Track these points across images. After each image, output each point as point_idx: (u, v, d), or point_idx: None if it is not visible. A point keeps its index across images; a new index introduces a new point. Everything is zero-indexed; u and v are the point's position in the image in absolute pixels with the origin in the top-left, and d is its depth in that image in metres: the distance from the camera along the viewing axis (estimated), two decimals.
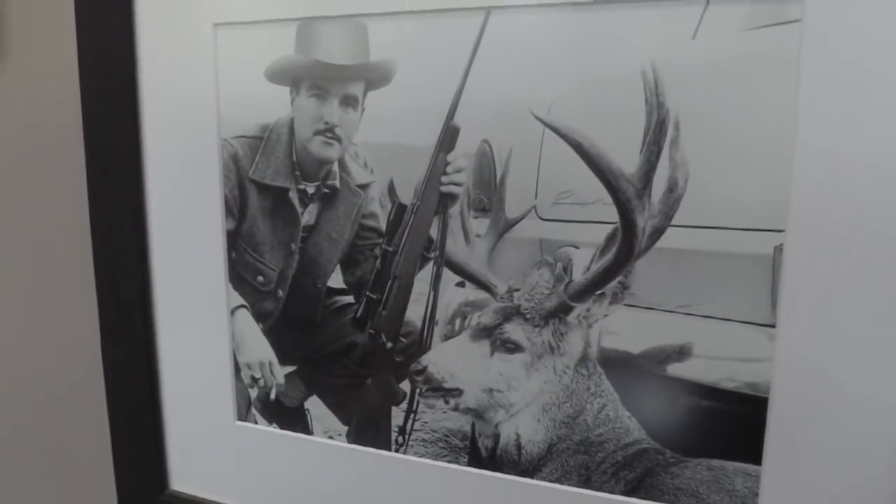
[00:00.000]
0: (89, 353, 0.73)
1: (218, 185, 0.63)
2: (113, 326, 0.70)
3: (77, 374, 0.76)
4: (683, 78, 0.47)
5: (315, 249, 0.62)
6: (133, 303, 0.69)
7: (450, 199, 0.56)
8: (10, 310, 0.79)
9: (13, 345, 0.80)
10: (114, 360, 0.71)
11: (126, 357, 0.70)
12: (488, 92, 0.53)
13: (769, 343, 0.48)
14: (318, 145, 0.60)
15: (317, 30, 0.58)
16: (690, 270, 0.49)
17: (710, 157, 0.48)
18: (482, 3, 0.52)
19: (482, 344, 0.56)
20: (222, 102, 0.62)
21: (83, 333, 0.74)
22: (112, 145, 0.67)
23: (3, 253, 0.78)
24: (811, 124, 0.45)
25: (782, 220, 0.47)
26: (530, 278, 0.54)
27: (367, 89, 0.57)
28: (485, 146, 0.54)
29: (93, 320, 0.71)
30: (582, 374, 0.54)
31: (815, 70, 0.44)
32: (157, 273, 0.68)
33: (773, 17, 0.45)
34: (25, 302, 0.78)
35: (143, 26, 0.64)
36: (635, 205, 0.50)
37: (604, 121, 0.50)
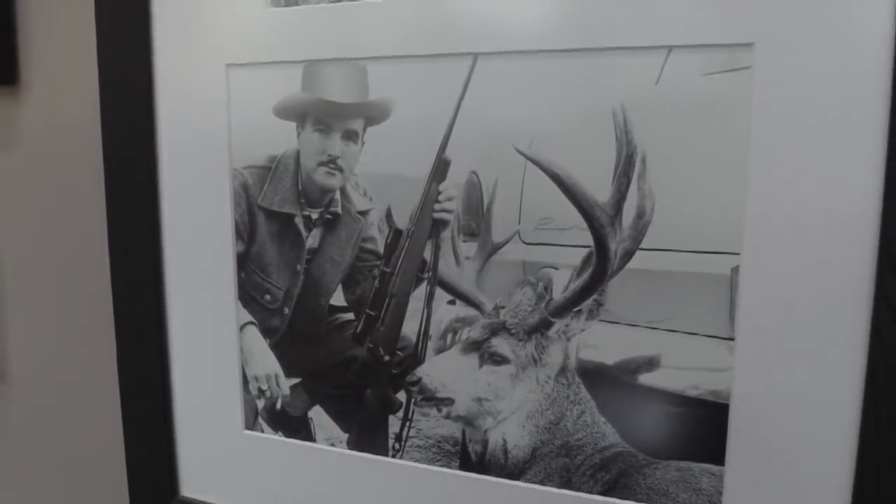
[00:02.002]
0: (106, 366, 0.77)
1: (229, 211, 0.68)
2: (129, 341, 0.74)
3: (94, 386, 0.80)
4: (649, 118, 0.53)
5: (319, 270, 0.66)
6: (148, 319, 0.72)
7: (442, 225, 0.60)
8: (31, 324, 0.83)
9: (33, 355, 0.84)
10: (129, 372, 0.75)
11: (141, 370, 0.74)
12: (476, 128, 0.58)
13: (729, 354, 0.53)
14: (321, 175, 0.64)
15: (321, 71, 0.62)
16: (658, 289, 0.54)
17: (674, 187, 0.53)
18: (471, 49, 0.57)
19: (471, 357, 0.61)
20: (234, 135, 0.67)
21: (101, 347, 0.77)
22: (130, 174, 0.71)
23: (24, 271, 0.82)
24: (762, 159, 0.50)
25: (738, 244, 0.51)
26: (515, 297, 0.59)
27: (367, 125, 0.61)
28: (473, 177, 0.58)
29: (110, 335, 0.75)
30: (562, 384, 0.58)
31: (765, 110, 0.50)
32: (172, 291, 0.72)
33: (726, 64, 0.50)
34: (47, 318, 0.82)
35: (161, 65, 0.69)
36: (608, 230, 0.55)
37: (579, 155, 0.55)
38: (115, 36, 0.70)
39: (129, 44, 0.69)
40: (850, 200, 0.49)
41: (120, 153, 0.72)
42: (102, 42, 0.71)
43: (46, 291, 0.81)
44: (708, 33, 0.50)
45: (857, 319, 0.50)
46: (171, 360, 0.74)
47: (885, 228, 0.48)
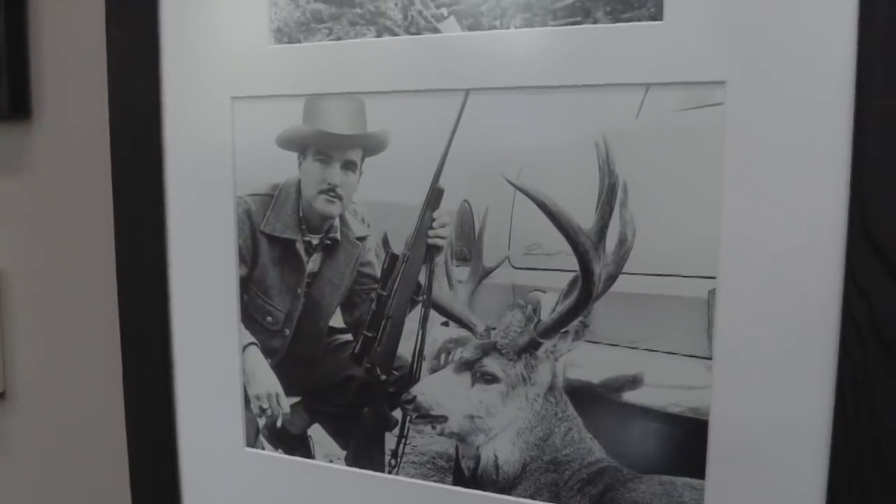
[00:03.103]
0: (112, 385, 0.79)
1: (233, 237, 0.70)
2: (135, 360, 0.76)
3: (99, 403, 0.81)
4: (630, 150, 0.56)
5: (318, 293, 0.68)
6: (154, 340, 0.75)
7: (436, 250, 0.63)
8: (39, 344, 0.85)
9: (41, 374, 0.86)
10: (134, 390, 0.77)
11: (146, 389, 0.76)
12: (468, 159, 0.60)
13: (707, 373, 0.55)
14: (321, 203, 0.67)
15: (322, 104, 0.65)
16: (640, 311, 0.57)
17: (654, 215, 0.56)
18: (463, 85, 0.60)
19: (464, 376, 0.63)
20: (238, 164, 0.69)
21: (107, 366, 0.79)
22: (138, 200, 0.74)
23: (33, 292, 0.85)
24: (735, 188, 0.53)
25: (714, 269, 0.54)
26: (505, 318, 0.61)
27: (365, 155, 0.64)
28: (465, 205, 0.61)
29: (116, 355, 0.77)
30: (550, 402, 0.61)
31: (737, 143, 0.53)
32: (177, 313, 0.74)
33: (701, 100, 0.54)
34: (54, 339, 0.84)
35: (169, 97, 0.71)
36: (592, 255, 0.58)
37: (565, 184, 0.58)
38: (125, 69, 0.73)
39: (139, 77, 0.72)
40: (817, 227, 0.52)
41: (128, 181, 0.74)
42: (113, 75, 0.73)
43: (55, 312, 0.84)
44: (683, 72, 0.54)
45: (826, 338, 0.52)
46: (175, 379, 0.76)
47: (849, 253, 0.51)
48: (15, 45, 0.80)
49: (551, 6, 0.57)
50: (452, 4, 0.60)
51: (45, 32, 0.80)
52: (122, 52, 0.73)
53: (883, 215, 0.50)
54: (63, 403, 0.85)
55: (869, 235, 0.51)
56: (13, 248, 0.85)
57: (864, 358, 0.52)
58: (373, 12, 0.63)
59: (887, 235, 0.50)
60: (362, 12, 0.64)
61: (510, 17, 0.59)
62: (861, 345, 0.52)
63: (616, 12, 0.56)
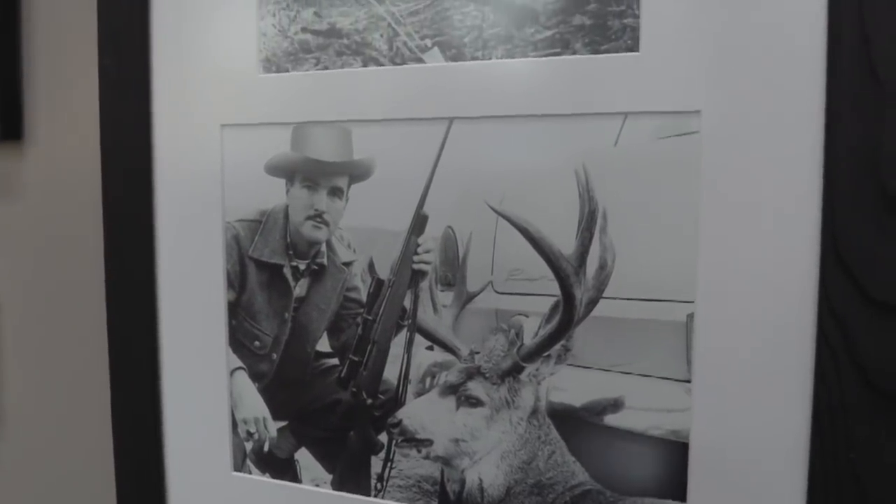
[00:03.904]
0: (100, 409, 0.79)
1: (221, 262, 0.71)
2: (123, 385, 0.77)
3: (87, 428, 0.82)
4: (609, 177, 0.57)
5: (305, 318, 0.69)
6: (142, 364, 0.75)
7: (420, 276, 0.64)
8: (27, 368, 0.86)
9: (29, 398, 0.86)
10: (122, 415, 0.77)
11: (134, 413, 0.76)
12: (452, 186, 0.62)
13: (687, 396, 0.56)
14: (308, 229, 0.68)
15: (309, 132, 0.67)
16: (620, 335, 0.58)
17: (633, 241, 0.57)
18: (447, 114, 0.61)
19: (449, 399, 0.63)
20: (227, 191, 0.70)
21: (95, 391, 0.80)
22: (128, 225, 0.75)
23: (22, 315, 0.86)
24: (711, 214, 0.54)
25: (692, 293, 0.55)
26: (488, 342, 0.62)
27: (351, 182, 0.65)
28: (449, 231, 0.62)
29: (104, 378, 0.77)
30: (534, 425, 0.61)
31: (712, 170, 0.54)
32: (165, 338, 0.75)
33: (677, 128, 0.55)
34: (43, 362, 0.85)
35: (159, 124, 0.73)
36: (573, 280, 0.59)
37: (546, 211, 0.59)
38: (116, 96, 0.74)
39: (130, 103, 0.74)
40: (791, 253, 0.53)
41: (119, 205, 0.75)
42: (104, 102, 0.75)
43: (43, 335, 0.84)
44: (659, 101, 0.55)
45: (802, 362, 0.53)
46: (163, 403, 0.76)
47: (823, 278, 0.52)
48: (9, 71, 0.81)
49: (532, 38, 0.59)
50: (436, 36, 0.62)
51: (39, 59, 0.81)
52: (114, 79, 0.75)
53: (854, 241, 0.52)
54: (50, 426, 0.85)
55: (841, 261, 0.52)
56: (3, 271, 0.86)
57: (839, 380, 0.53)
58: (359, 43, 0.65)
59: (859, 261, 0.52)
60: (349, 43, 0.65)
61: (492, 48, 0.60)
62: (836, 367, 0.53)
63: (594, 44, 0.57)
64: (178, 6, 0.72)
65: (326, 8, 0.66)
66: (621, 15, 0.56)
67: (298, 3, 0.67)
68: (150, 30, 0.73)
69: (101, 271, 0.76)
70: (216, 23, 0.70)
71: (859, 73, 0.51)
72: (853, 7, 0.51)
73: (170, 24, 0.72)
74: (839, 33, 0.51)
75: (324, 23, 0.66)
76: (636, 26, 0.56)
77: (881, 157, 0.51)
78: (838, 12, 0.51)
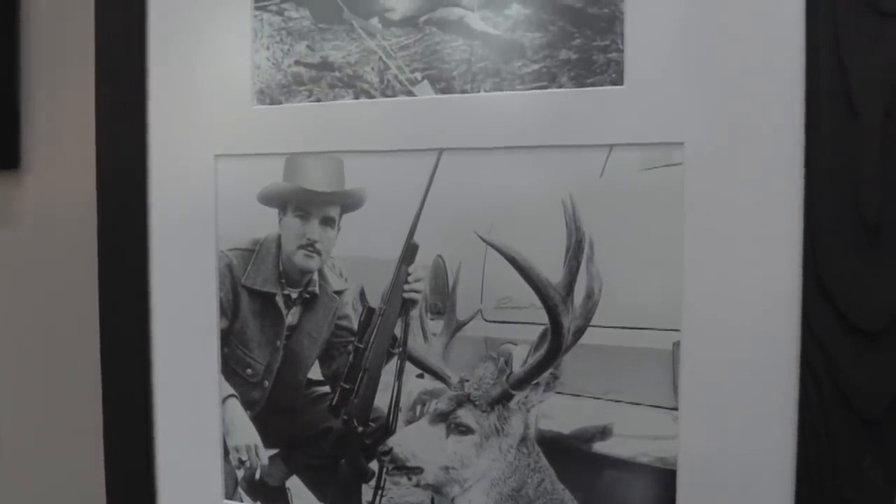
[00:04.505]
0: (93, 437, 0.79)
1: (214, 290, 0.72)
2: (116, 411, 0.77)
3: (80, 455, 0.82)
4: (595, 207, 0.58)
5: (297, 346, 0.69)
6: (135, 391, 0.75)
7: (411, 304, 0.64)
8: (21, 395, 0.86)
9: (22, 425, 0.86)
10: (115, 442, 0.77)
11: (126, 440, 0.76)
12: (441, 216, 0.63)
13: (674, 423, 0.57)
14: (301, 258, 0.68)
15: (301, 162, 0.68)
16: (608, 363, 0.58)
17: (619, 270, 0.58)
18: (436, 145, 0.63)
19: (439, 427, 0.64)
20: (220, 220, 0.71)
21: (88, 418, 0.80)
22: (123, 253, 0.75)
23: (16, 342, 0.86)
24: (695, 244, 0.56)
25: (678, 322, 0.56)
26: (478, 370, 0.62)
27: (343, 212, 0.66)
28: (439, 260, 0.63)
29: (97, 405, 0.77)
30: (523, 453, 0.62)
31: (696, 201, 0.56)
32: (158, 365, 0.75)
33: (661, 160, 0.56)
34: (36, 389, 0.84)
35: (154, 154, 0.73)
36: (561, 309, 0.59)
37: (534, 240, 0.60)
38: (113, 126, 0.75)
39: (126, 133, 0.74)
40: (774, 281, 0.54)
41: (114, 234, 0.76)
42: (101, 131, 0.75)
43: (36, 362, 0.84)
44: (643, 134, 0.57)
45: (786, 387, 0.54)
46: (155, 430, 0.76)
47: (805, 305, 0.53)
48: (7, 100, 0.82)
49: (519, 71, 0.60)
50: (426, 69, 0.63)
51: (37, 87, 0.82)
52: (111, 109, 0.76)
53: (835, 270, 0.53)
54: (42, 453, 0.85)
55: (823, 289, 0.53)
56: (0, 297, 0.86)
57: (824, 407, 0.54)
58: (351, 76, 0.66)
59: (840, 289, 0.53)
60: (341, 75, 0.66)
61: (480, 81, 0.61)
62: (820, 394, 0.54)
63: (580, 77, 0.59)
64: (175, 38, 0.73)
65: (319, 42, 0.67)
66: (606, 50, 0.58)
67: (292, 36, 0.68)
68: (147, 60, 0.74)
69: (96, 299, 0.77)
70: (212, 55, 0.72)
71: (837, 106, 0.53)
72: (830, 41, 0.52)
73: (166, 56, 0.74)
74: (817, 67, 0.53)
75: (316, 56, 0.67)
76: (620, 60, 0.58)
77: (860, 187, 0.52)
78: (816, 47, 0.53)
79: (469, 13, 0.62)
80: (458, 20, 0.62)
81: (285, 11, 0.68)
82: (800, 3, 0.53)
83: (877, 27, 0.52)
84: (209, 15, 0.72)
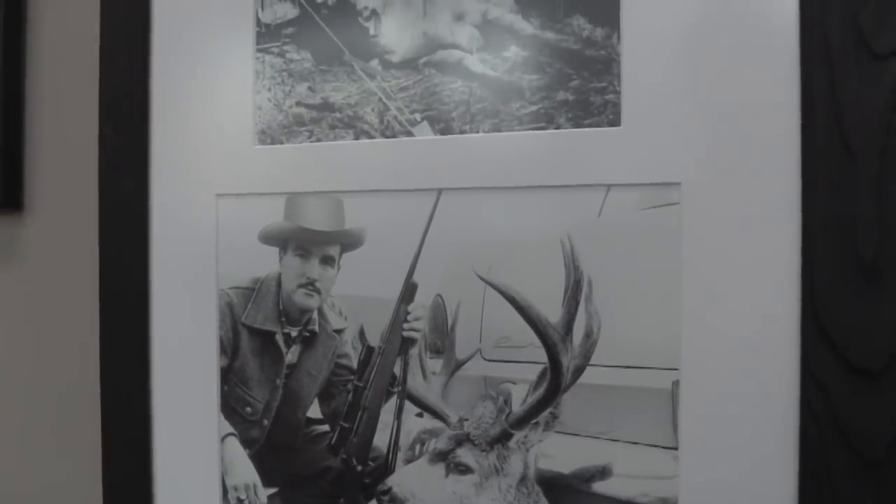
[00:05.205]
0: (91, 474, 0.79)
1: (214, 328, 0.72)
2: (115, 450, 0.76)
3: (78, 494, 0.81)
4: (593, 247, 0.59)
5: (297, 384, 0.69)
6: (134, 429, 0.75)
7: (410, 343, 0.65)
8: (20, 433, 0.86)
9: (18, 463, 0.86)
10: (113, 481, 0.76)
11: (125, 479, 0.76)
12: (441, 255, 0.63)
13: (674, 463, 0.57)
14: (301, 296, 0.69)
15: (302, 202, 0.69)
16: (607, 402, 0.58)
17: (618, 309, 0.58)
18: (436, 185, 0.63)
19: (438, 466, 0.64)
20: (221, 258, 0.72)
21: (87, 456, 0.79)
22: (124, 291, 0.75)
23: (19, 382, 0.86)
24: (693, 283, 0.56)
25: (676, 361, 0.57)
26: (477, 409, 0.62)
27: (343, 251, 0.67)
28: (438, 299, 0.63)
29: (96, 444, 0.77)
30: (522, 492, 0.61)
31: (693, 241, 0.56)
32: (158, 403, 0.75)
33: (658, 200, 0.57)
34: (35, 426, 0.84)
35: (157, 193, 0.74)
36: (560, 348, 0.60)
37: (532, 280, 0.60)
38: (116, 166, 0.76)
39: (128, 174, 0.75)
40: (772, 321, 0.54)
41: (115, 272, 0.76)
42: (103, 171, 0.76)
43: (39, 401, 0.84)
44: (641, 174, 0.57)
45: (787, 428, 0.54)
46: (154, 469, 0.76)
47: (804, 346, 0.54)
48: (11, 140, 0.83)
49: (517, 113, 0.61)
50: (425, 110, 0.64)
51: (41, 128, 0.83)
52: (113, 149, 0.76)
53: (834, 310, 0.53)
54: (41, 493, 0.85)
55: (822, 329, 0.53)
56: (2, 337, 0.86)
57: (824, 447, 0.53)
58: (351, 117, 0.67)
59: (839, 329, 0.53)
60: (341, 116, 0.67)
61: (479, 122, 0.62)
62: (820, 434, 0.53)
63: (577, 118, 0.59)
64: (178, 79, 0.74)
65: (320, 83, 0.68)
66: (603, 91, 0.59)
67: (293, 78, 0.69)
68: (149, 101, 0.75)
69: (96, 336, 0.77)
70: (214, 96, 0.73)
71: (833, 146, 0.53)
72: (825, 83, 0.53)
73: (169, 96, 0.75)
74: (813, 108, 0.54)
75: (317, 97, 0.68)
76: (617, 102, 0.58)
77: (857, 227, 0.53)
78: (811, 88, 0.54)
79: (468, 55, 0.63)
80: (457, 62, 0.63)
81: (287, 53, 0.70)
82: (795, 46, 0.54)
83: (871, 69, 0.53)
84: (212, 57, 0.73)
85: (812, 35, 0.54)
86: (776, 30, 0.54)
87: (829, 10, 0.53)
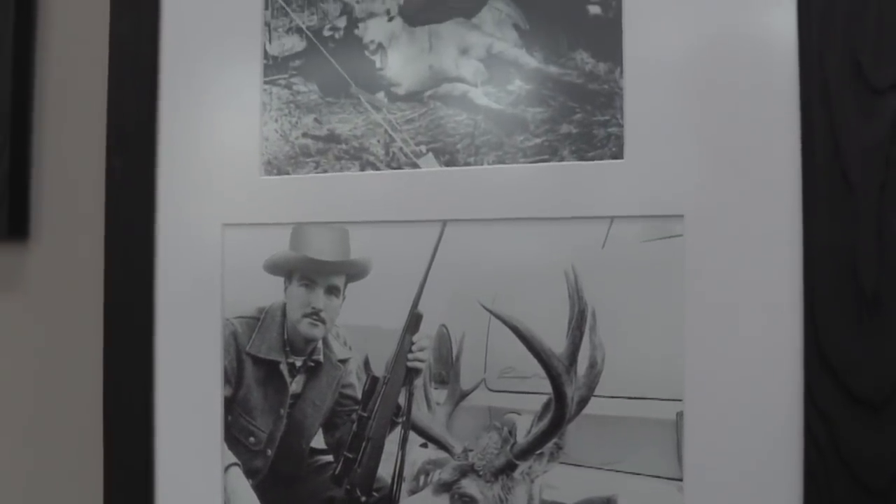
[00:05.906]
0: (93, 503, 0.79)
1: (219, 358, 0.72)
2: (118, 480, 0.76)
3: None
4: (597, 278, 0.59)
5: (301, 414, 0.69)
6: (137, 459, 0.75)
7: (415, 373, 0.65)
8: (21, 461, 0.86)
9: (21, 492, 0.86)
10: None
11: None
12: (445, 286, 0.64)
13: (679, 494, 0.57)
14: (305, 326, 0.69)
15: (307, 232, 0.69)
16: (612, 433, 0.58)
17: (621, 340, 0.58)
18: (441, 216, 0.64)
19: (443, 497, 0.63)
20: (226, 288, 0.72)
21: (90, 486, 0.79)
22: (129, 320, 0.76)
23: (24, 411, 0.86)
24: (696, 315, 0.56)
25: (680, 392, 0.57)
26: (482, 440, 0.62)
27: (348, 281, 0.67)
28: (443, 329, 0.64)
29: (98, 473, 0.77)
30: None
31: (696, 272, 0.57)
32: (161, 432, 0.75)
33: (661, 232, 0.58)
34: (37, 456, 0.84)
35: (162, 223, 0.75)
36: (564, 379, 0.60)
37: (537, 310, 0.61)
38: (122, 196, 0.76)
39: (135, 203, 0.76)
40: (775, 353, 0.55)
41: (120, 301, 0.77)
42: (110, 201, 0.77)
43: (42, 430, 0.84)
44: (644, 206, 0.58)
45: (790, 459, 0.54)
46: (157, 499, 0.75)
47: (807, 378, 0.54)
48: (18, 169, 0.84)
49: (521, 145, 0.62)
50: (431, 142, 0.65)
51: (47, 157, 0.84)
52: (120, 179, 0.77)
53: (836, 342, 0.53)
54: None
55: (825, 359, 0.54)
56: (5, 367, 0.86)
57: (828, 478, 0.53)
58: (357, 148, 0.68)
59: (842, 361, 0.53)
60: (347, 148, 0.68)
61: (483, 154, 0.63)
62: (824, 465, 0.54)
63: (581, 151, 0.60)
64: (186, 109, 0.75)
65: (326, 115, 0.69)
66: (606, 124, 0.60)
67: (300, 109, 0.70)
68: (157, 130, 0.76)
69: (100, 365, 0.77)
70: (221, 127, 0.74)
71: (833, 179, 0.54)
72: (825, 117, 0.54)
73: (177, 126, 0.76)
74: (812, 142, 0.54)
75: (324, 129, 0.69)
76: (620, 135, 0.59)
77: (858, 259, 0.53)
78: (811, 122, 0.54)
79: (472, 88, 0.64)
80: (462, 95, 0.64)
81: (294, 85, 0.71)
82: (795, 80, 0.55)
83: (869, 103, 0.53)
84: (220, 88, 0.74)
85: (811, 69, 0.55)
86: (776, 64, 0.55)
87: (828, 44, 0.54)
